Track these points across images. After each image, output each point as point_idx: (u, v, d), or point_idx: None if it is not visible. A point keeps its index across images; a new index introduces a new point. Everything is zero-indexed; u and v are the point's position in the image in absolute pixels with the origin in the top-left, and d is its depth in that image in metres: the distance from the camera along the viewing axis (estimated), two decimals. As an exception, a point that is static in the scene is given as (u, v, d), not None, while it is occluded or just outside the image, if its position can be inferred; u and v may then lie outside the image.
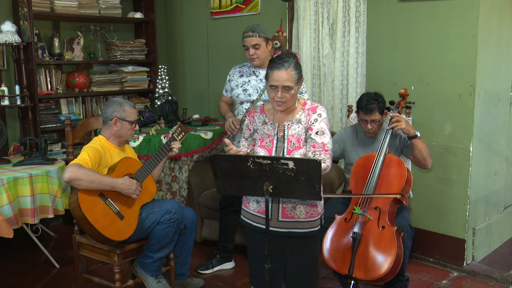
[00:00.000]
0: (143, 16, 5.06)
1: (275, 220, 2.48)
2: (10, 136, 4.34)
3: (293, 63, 2.40)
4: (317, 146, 2.42)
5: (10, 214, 3.29)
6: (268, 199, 2.24)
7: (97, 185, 2.71)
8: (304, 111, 2.50)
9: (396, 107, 3.19)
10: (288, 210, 2.46)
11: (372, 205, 2.93)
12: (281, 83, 2.37)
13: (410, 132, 3.06)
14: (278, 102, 2.41)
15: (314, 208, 2.50)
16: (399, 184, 2.94)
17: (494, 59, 3.58)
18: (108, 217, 2.77)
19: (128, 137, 3.01)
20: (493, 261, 3.79)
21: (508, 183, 4.03)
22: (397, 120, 3.03)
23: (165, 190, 3.91)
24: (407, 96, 3.23)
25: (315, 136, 2.43)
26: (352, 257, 2.83)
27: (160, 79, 4.60)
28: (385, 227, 2.85)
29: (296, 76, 2.40)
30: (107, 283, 3.03)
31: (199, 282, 3.37)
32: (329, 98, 4.05)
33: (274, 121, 2.52)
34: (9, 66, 4.37)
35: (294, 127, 2.48)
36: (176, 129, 3.16)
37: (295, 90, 2.40)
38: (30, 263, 3.83)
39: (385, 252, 2.80)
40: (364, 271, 2.82)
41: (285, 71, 2.37)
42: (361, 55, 3.85)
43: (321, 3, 3.99)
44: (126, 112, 2.95)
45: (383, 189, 2.96)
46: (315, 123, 2.45)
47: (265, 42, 3.34)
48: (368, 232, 2.86)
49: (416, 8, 3.57)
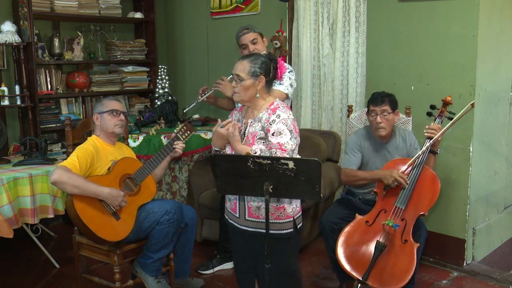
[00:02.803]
0: (143, 16, 5.06)
1: (243, 219, 2.53)
2: (10, 136, 4.34)
3: (254, 57, 2.51)
4: (273, 147, 2.43)
5: (10, 214, 3.29)
6: (268, 199, 2.24)
7: (80, 191, 2.70)
8: (267, 110, 2.53)
9: (439, 115, 3.06)
10: (253, 210, 2.50)
11: (401, 217, 2.92)
12: (234, 71, 2.51)
13: (436, 146, 3.02)
14: (234, 92, 2.53)
15: (281, 210, 2.50)
16: (430, 201, 2.92)
17: (494, 59, 3.57)
18: (103, 217, 2.77)
19: (112, 128, 2.96)
20: (493, 261, 3.79)
21: (508, 183, 4.03)
22: (437, 129, 2.95)
23: (165, 190, 3.91)
24: (449, 105, 3.07)
25: (271, 138, 2.45)
26: (371, 265, 2.82)
27: (160, 79, 4.60)
28: (407, 241, 2.84)
29: (250, 69, 2.47)
30: (107, 283, 3.03)
31: (199, 282, 3.36)
32: (329, 98, 4.05)
33: (243, 118, 2.61)
34: (9, 66, 4.37)
35: (255, 125, 2.52)
36: (181, 128, 3.12)
37: (246, 82, 2.47)
38: (30, 263, 3.83)
39: (405, 267, 2.80)
40: (379, 281, 2.81)
41: (241, 62, 2.51)
42: (361, 55, 3.85)
43: (321, 3, 3.99)
44: (103, 105, 2.98)
45: (414, 202, 2.93)
46: (272, 125, 2.46)
47: (261, 37, 3.40)
48: (391, 243, 2.86)
49: (416, 8, 3.57)
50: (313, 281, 3.46)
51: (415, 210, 2.93)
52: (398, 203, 2.93)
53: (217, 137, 2.53)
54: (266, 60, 2.51)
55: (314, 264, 3.69)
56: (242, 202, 2.53)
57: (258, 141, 2.48)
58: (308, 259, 3.76)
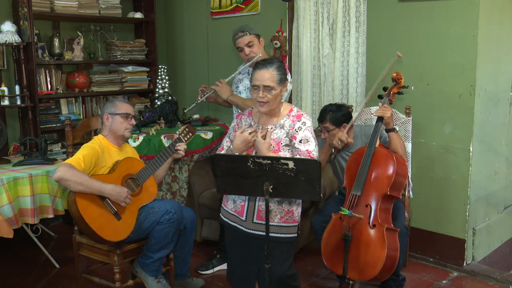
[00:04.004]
0: (143, 16, 5.06)
1: (250, 222, 2.50)
2: (10, 136, 4.34)
3: (276, 64, 2.45)
4: (302, 154, 2.44)
5: (10, 214, 3.29)
6: (268, 199, 2.24)
7: (84, 188, 2.70)
8: (289, 117, 2.52)
9: (387, 94, 3.01)
10: (263, 213, 2.46)
11: (362, 203, 2.85)
12: (262, 83, 2.41)
13: (389, 124, 2.95)
14: (260, 102, 2.44)
15: (290, 214, 2.51)
16: (388, 178, 2.83)
17: (494, 59, 3.57)
18: (105, 217, 2.77)
19: (123, 131, 2.98)
20: (493, 261, 3.79)
21: (508, 183, 4.03)
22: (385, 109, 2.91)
23: (165, 190, 3.91)
24: (401, 80, 3.01)
25: (299, 145, 2.46)
26: (345, 259, 2.81)
27: (160, 79, 4.59)
28: (375, 225, 2.79)
29: (278, 77, 2.43)
30: (107, 283, 3.03)
31: (199, 282, 3.36)
32: (329, 98, 4.05)
33: (259, 123, 2.55)
34: (9, 66, 4.37)
35: (277, 131, 2.50)
36: (184, 130, 3.15)
37: (277, 90, 2.43)
38: (30, 263, 3.83)
39: (376, 251, 2.74)
40: (358, 272, 2.80)
41: (267, 71, 2.43)
42: (361, 55, 3.85)
43: (321, 3, 3.99)
44: (116, 107, 2.97)
45: (372, 185, 2.86)
46: (299, 132, 2.47)
47: (257, 38, 3.37)
48: (359, 232, 2.81)
49: (416, 8, 3.57)
50: (313, 281, 3.46)
51: (375, 192, 2.84)
52: (354, 190, 2.88)
53: (242, 142, 2.43)
54: (281, 63, 2.48)
55: (314, 264, 3.69)
56: (252, 204, 2.50)
57: (284, 147, 2.48)
58: (308, 259, 3.76)
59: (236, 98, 3.37)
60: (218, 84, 3.41)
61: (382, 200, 2.84)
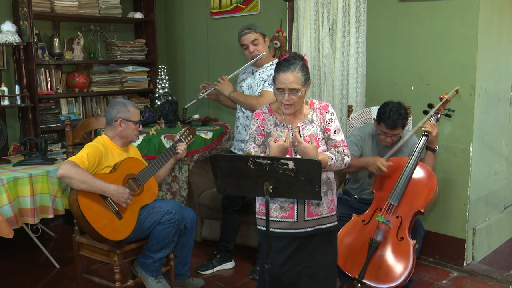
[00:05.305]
0: (143, 16, 5.06)
1: (302, 221, 2.49)
2: (10, 136, 4.34)
3: (300, 65, 2.39)
4: (338, 145, 2.46)
5: (10, 214, 3.29)
6: (268, 199, 2.24)
7: (87, 187, 2.70)
8: (315, 110, 2.51)
9: (435, 113, 3.06)
10: (312, 208, 2.49)
11: (395, 214, 2.90)
12: (288, 86, 2.36)
13: (434, 143, 3.01)
14: (285, 105, 2.41)
15: (333, 203, 2.55)
16: (426, 197, 2.89)
17: (494, 59, 3.57)
18: (106, 216, 2.77)
19: (132, 137, 3.01)
20: (493, 261, 3.79)
21: (508, 183, 4.03)
22: (433, 126, 2.96)
23: (165, 190, 3.91)
24: (448, 103, 3.09)
25: (334, 136, 2.47)
26: (366, 263, 2.83)
27: (160, 79, 4.59)
28: (403, 239, 2.83)
29: (303, 78, 2.39)
30: (107, 283, 3.03)
31: (199, 282, 3.36)
32: (329, 98, 4.05)
33: (286, 123, 2.50)
34: (9, 66, 4.37)
35: (308, 127, 2.49)
36: (185, 131, 3.18)
37: (302, 92, 2.40)
38: (30, 263, 3.83)
39: (401, 264, 2.79)
40: (376, 279, 2.82)
41: (291, 73, 2.36)
42: (361, 55, 3.85)
43: (321, 3, 3.99)
44: (130, 113, 2.96)
45: (408, 199, 2.90)
46: (331, 123, 2.49)
47: (262, 37, 3.36)
48: (386, 241, 2.85)
49: (416, 8, 3.57)
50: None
51: (409, 207, 2.91)
52: (390, 199, 2.93)
53: (280, 152, 2.34)
54: (303, 61, 2.43)
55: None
56: (302, 206, 2.47)
57: (321, 142, 2.48)
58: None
59: (238, 95, 3.37)
60: (219, 81, 3.41)
61: (414, 215, 2.90)
